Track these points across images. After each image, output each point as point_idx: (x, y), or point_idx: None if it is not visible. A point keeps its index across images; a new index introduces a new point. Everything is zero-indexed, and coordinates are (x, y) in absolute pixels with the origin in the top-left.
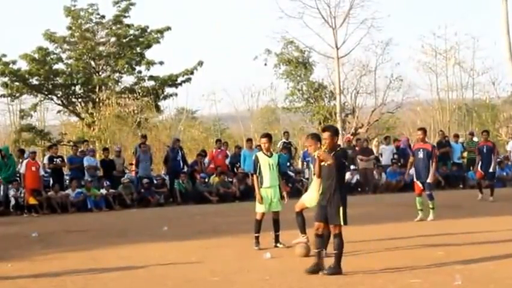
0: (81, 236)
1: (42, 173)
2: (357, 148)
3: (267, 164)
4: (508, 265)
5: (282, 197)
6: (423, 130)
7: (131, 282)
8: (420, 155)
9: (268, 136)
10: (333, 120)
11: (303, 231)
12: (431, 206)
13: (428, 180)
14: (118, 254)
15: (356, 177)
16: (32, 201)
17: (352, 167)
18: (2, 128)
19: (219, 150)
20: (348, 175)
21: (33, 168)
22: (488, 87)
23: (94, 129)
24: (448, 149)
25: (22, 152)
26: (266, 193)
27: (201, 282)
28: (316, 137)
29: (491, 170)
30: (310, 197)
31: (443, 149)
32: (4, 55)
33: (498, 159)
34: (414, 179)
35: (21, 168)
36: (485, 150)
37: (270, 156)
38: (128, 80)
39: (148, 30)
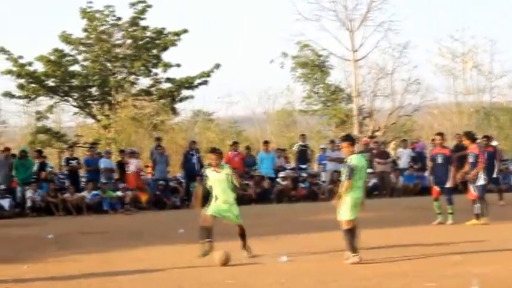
0: (97, 238)
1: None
2: (374, 151)
3: (217, 181)
4: None
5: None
6: (442, 135)
7: (147, 284)
8: (439, 160)
9: (216, 151)
10: (350, 123)
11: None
12: (450, 210)
13: (448, 185)
14: (133, 256)
15: (373, 180)
16: (144, 197)
17: (369, 170)
18: (18, 129)
19: (235, 152)
20: None
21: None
22: (506, 91)
23: (110, 131)
24: (465, 152)
25: (40, 153)
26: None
27: (217, 285)
28: (351, 140)
29: (494, 175)
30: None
31: (460, 152)
32: (20, 57)
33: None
34: (432, 184)
35: (131, 169)
36: (486, 156)
37: (219, 172)
38: (144, 82)
39: (165, 33)
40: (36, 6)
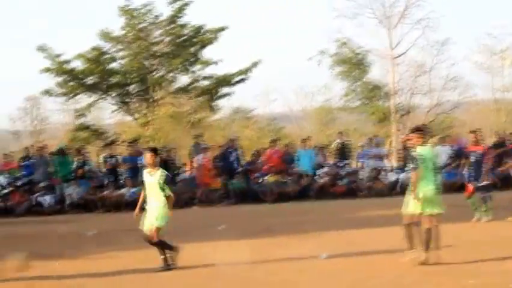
0: (136, 235)
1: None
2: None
3: (149, 184)
4: None
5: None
6: (476, 132)
7: (188, 281)
8: (474, 157)
9: (152, 151)
10: (389, 121)
11: (412, 246)
12: (485, 208)
13: (483, 182)
14: None
15: None
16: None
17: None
18: (60, 126)
19: (274, 149)
20: (404, 175)
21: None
22: None
23: (148, 129)
24: (504, 149)
25: (79, 150)
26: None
27: (258, 282)
28: (421, 131)
29: None
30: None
31: (500, 149)
32: (58, 55)
33: None
34: (467, 181)
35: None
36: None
37: (152, 175)
38: (183, 79)
39: (203, 30)
40: (75, 4)
